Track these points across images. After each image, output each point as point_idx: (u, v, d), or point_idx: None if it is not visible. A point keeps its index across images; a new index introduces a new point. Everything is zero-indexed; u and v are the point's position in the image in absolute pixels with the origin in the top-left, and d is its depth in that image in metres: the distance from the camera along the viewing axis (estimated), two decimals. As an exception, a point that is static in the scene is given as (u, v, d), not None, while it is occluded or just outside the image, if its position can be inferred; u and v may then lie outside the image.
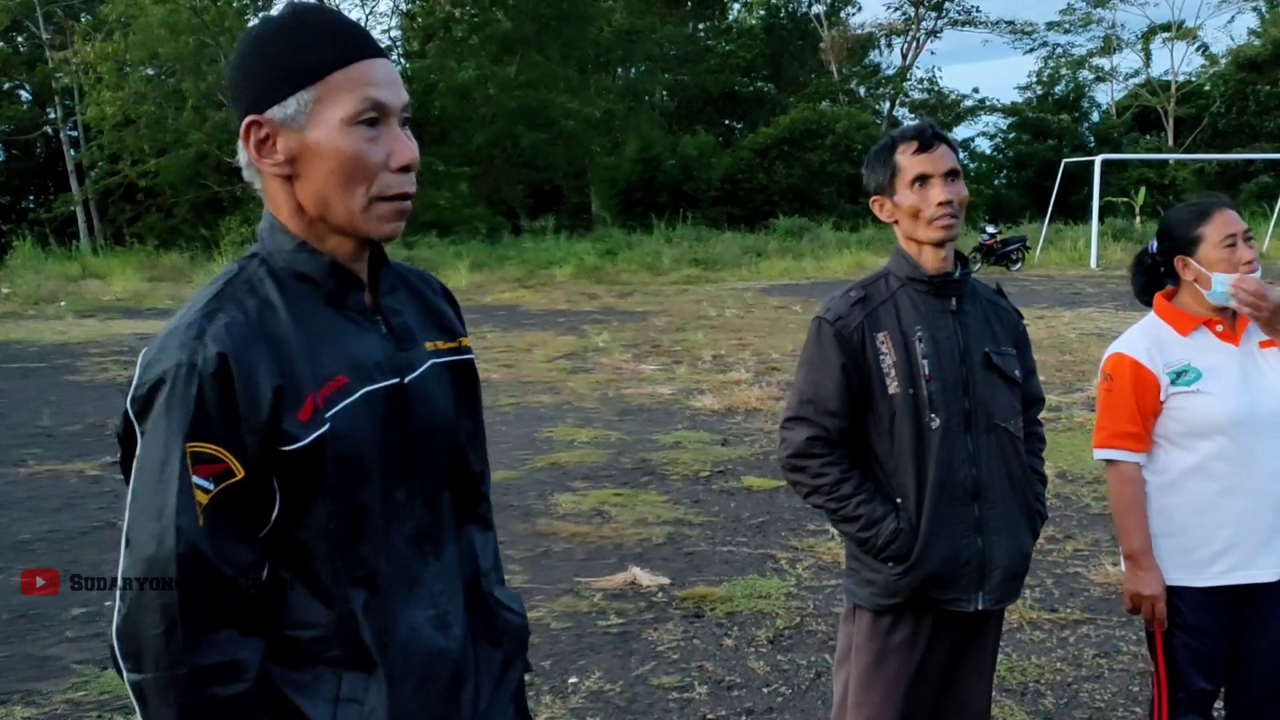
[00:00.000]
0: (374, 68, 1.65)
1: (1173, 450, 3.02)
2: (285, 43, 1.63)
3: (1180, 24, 49.18)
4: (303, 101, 1.61)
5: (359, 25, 1.71)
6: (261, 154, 1.65)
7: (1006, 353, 2.87)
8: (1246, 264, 2.95)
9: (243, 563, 1.58)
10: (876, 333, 2.80)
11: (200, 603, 1.54)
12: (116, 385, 12.05)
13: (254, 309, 1.62)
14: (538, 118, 33.08)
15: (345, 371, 1.65)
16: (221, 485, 1.55)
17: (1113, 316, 16.63)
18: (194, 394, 1.54)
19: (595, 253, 28.51)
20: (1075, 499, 7.13)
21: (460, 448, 1.85)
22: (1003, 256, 26.18)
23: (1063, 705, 4.32)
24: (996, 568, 2.80)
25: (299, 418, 1.58)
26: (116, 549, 1.63)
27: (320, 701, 1.64)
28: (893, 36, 52.03)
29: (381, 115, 1.64)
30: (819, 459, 2.82)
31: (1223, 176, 41.43)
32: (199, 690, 1.53)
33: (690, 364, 13.04)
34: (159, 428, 1.56)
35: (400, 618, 1.70)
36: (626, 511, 6.97)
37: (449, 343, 1.86)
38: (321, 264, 1.68)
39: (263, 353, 1.58)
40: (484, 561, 1.91)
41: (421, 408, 1.74)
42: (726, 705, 4.36)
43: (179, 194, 34.92)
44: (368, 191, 1.64)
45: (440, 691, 1.74)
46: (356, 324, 1.71)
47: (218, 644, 1.55)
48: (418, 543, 1.74)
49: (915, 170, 2.77)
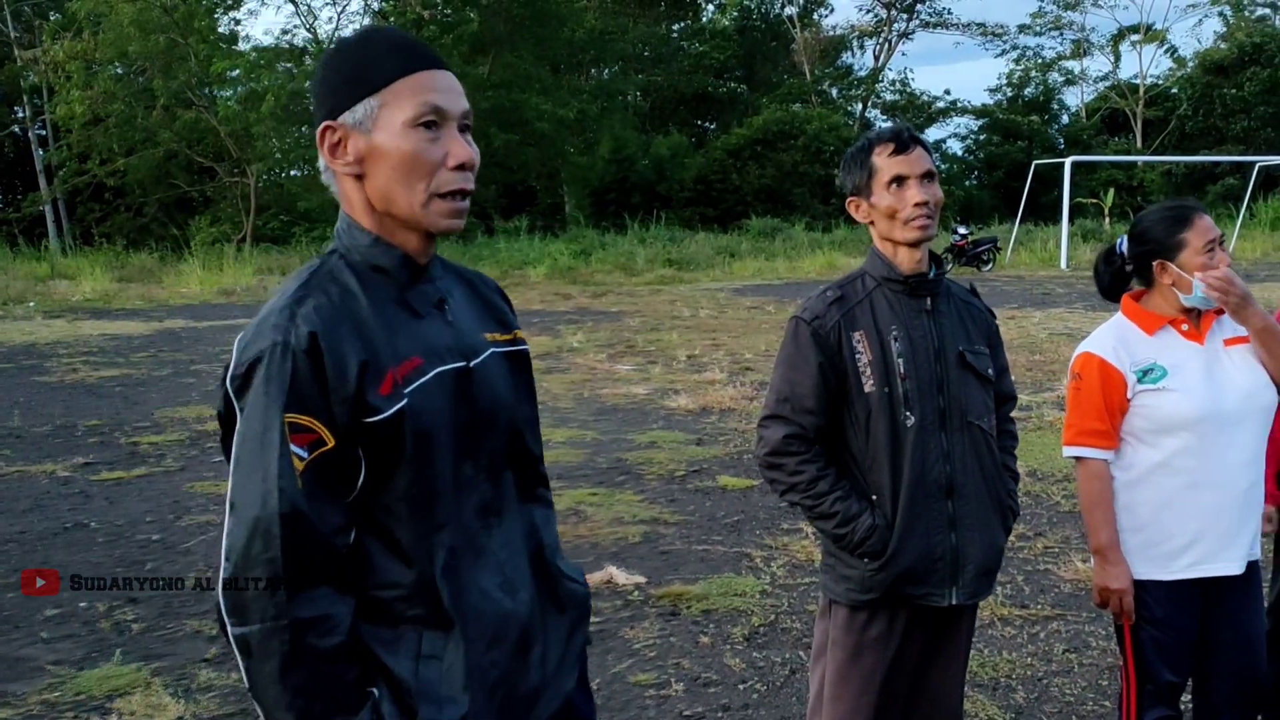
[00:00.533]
0: (435, 77, 1.82)
1: (1139, 447, 3.07)
2: (355, 57, 1.84)
3: (1149, 27, 49.63)
4: (370, 107, 1.80)
5: (423, 41, 1.90)
6: (335, 156, 1.84)
7: (980, 351, 2.92)
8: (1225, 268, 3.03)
9: (335, 525, 1.73)
10: (853, 332, 2.84)
11: (300, 559, 1.69)
12: (85, 386, 11.99)
13: (337, 295, 1.79)
14: (510, 118, 33.04)
15: (420, 353, 1.81)
16: (315, 453, 1.71)
17: (1082, 316, 16.77)
18: (289, 370, 1.70)
19: (569, 253, 28.52)
20: (1046, 497, 7.20)
21: (520, 431, 2.01)
22: (974, 257, 26.35)
23: (1033, 700, 4.38)
24: (970, 563, 2.85)
25: (381, 391, 1.74)
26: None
27: (404, 658, 1.80)
28: (865, 38, 52.27)
29: (440, 119, 1.81)
30: (796, 456, 2.86)
31: (1190, 178, 41.85)
32: (298, 641, 1.68)
33: (665, 364, 13.07)
34: (258, 402, 1.70)
35: (470, 582, 1.85)
36: (602, 511, 6.99)
37: (505, 334, 2.03)
38: (395, 256, 1.85)
39: (348, 332, 1.75)
40: (547, 537, 2.06)
41: (486, 390, 1.91)
42: (703, 702, 4.39)
43: (148, 193, 34.71)
44: (427, 188, 1.81)
45: (509, 652, 1.90)
46: (424, 313, 1.87)
47: (315, 599, 1.70)
48: (484, 514, 1.90)
49: (892, 171, 2.81)
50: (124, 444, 9.17)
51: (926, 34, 62.86)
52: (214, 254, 27.09)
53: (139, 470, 8.25)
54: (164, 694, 4.45)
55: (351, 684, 1.74)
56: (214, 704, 4.39)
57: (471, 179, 1.85)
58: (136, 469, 8.29)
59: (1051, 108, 51.22)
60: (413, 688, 1.78)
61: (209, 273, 24.84)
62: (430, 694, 1.79)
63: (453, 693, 1.80)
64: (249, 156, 32.53)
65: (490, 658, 1.86)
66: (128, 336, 16.37)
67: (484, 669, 1.84)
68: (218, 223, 34.04)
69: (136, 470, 8.25)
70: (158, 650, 4.91)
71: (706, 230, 34.75)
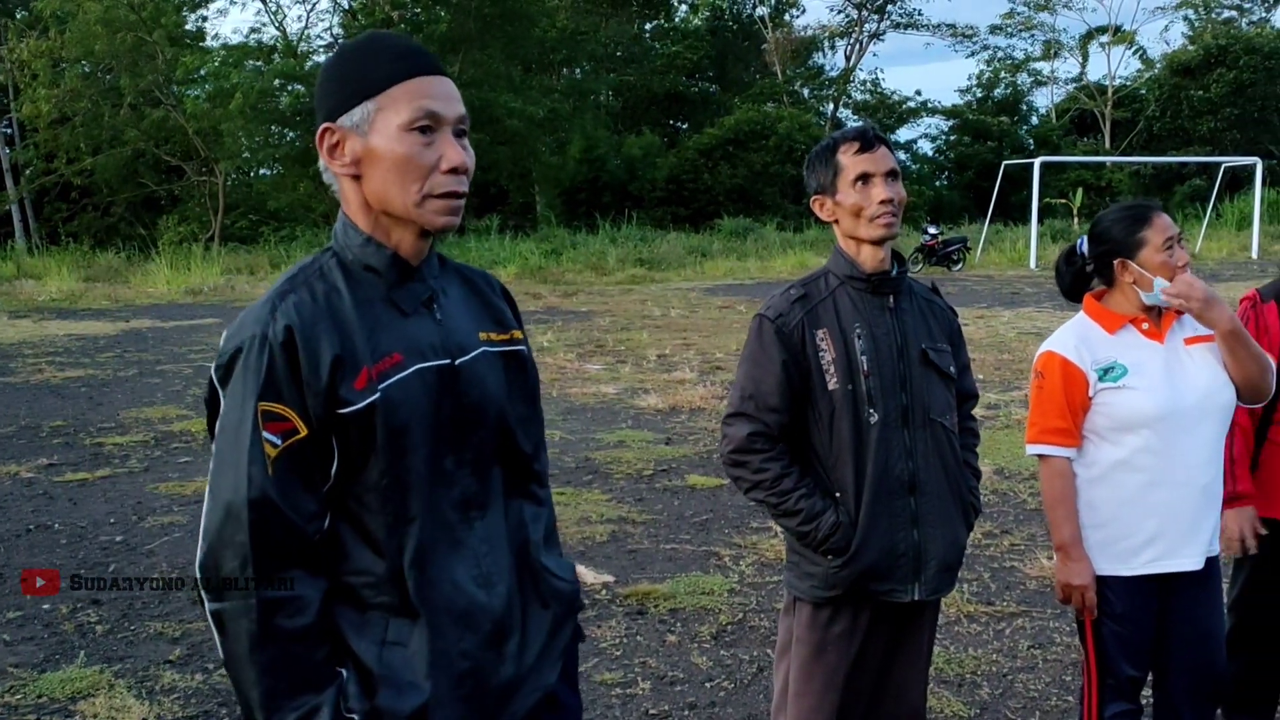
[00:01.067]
0: (431, 83, 1.88)
1: (1101, 444, 3.09)
2: (355, 62, 1.91)
3: (1117, 28, 49.97)
4: (367, 110, 1.86)
5: (422, 47, 1.96)
6: (333, 157, 1.90)
7: (942, 349, 2.94)
8: (1182, 266, 3.05)
9: (308, 511, 1.81)
10: (816, 330, 2.85)
11: (269, 543, 1.77)
12: (50, 386, 11.89)
13: (321, 292, 1.87)
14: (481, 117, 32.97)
15: (400, 350, 1.88)
16: (288, 441, 1.79)
17: (1051, 316, 16.87)
18: (265, 361, 1.78)
19: (539, 252, 28.48)
20: (1012, 495, 7.24)
21: (510, 428, 2.04)
22: (944, 257, 26.47)
23: (998, 695, 4.40)
24: (932, 559, 2.86)
25: (355, 385, 1.82)
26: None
27: (370, 643, 1.86)
28: (836, 38, 52.42)
29: (435, 124, 1.87)
30: (760, 454, 2.87)
31: (1157, 179, 42.21)
32: (267, 621, 1.76)
33: (634, 363, 13.07)
34: (237, 391, 1.80)
35: (442, 573, 1.90)
36: (570, 510, 6.98)
37: (502, 334, 2.07)
38: (385, 256, 1.91)
39: (326, 328, 1.82)
40: (534, 533, 2.10)
41: (473, 387, 1.96)
42: (669, 700, 4.39)
43: (116, 193, 34.43)
44: (421, 189, 1.87)
45: (481, 643, 1.94)
46: (411, 311, 1.93)
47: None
48: (464, 508, 1.95)
49: (857, 169, 2.83)
50: (88, 445, 9.09)
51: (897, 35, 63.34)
52: (181, 254, 26.85)
53: (103, 471, 8.18)
54: (127, 695, 4.41)
55: (319, 663, 1.81)
56: (177, 705, 4.35)
57: (465, 182, 1.90)
58: (100, 470, 8.22)
59: (1021, 109, 51.56)
60: (376, 672, 1.84)
61: (176, 272, 24.65)
62: (393, 679, 1.85)
63: (415, 679, 1.85)
64: (217, 155, 32.34)
65: (460, 648, 1.90)
66: (93, 337, 16.24)
67: (451, 659, 1.89)
68: (185, 222, 33.80)
69: (100, 471, 8.18)
70: (120, 652, 4.87)
71: (678, 230, 34.77)
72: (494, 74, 34.32)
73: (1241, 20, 49.72)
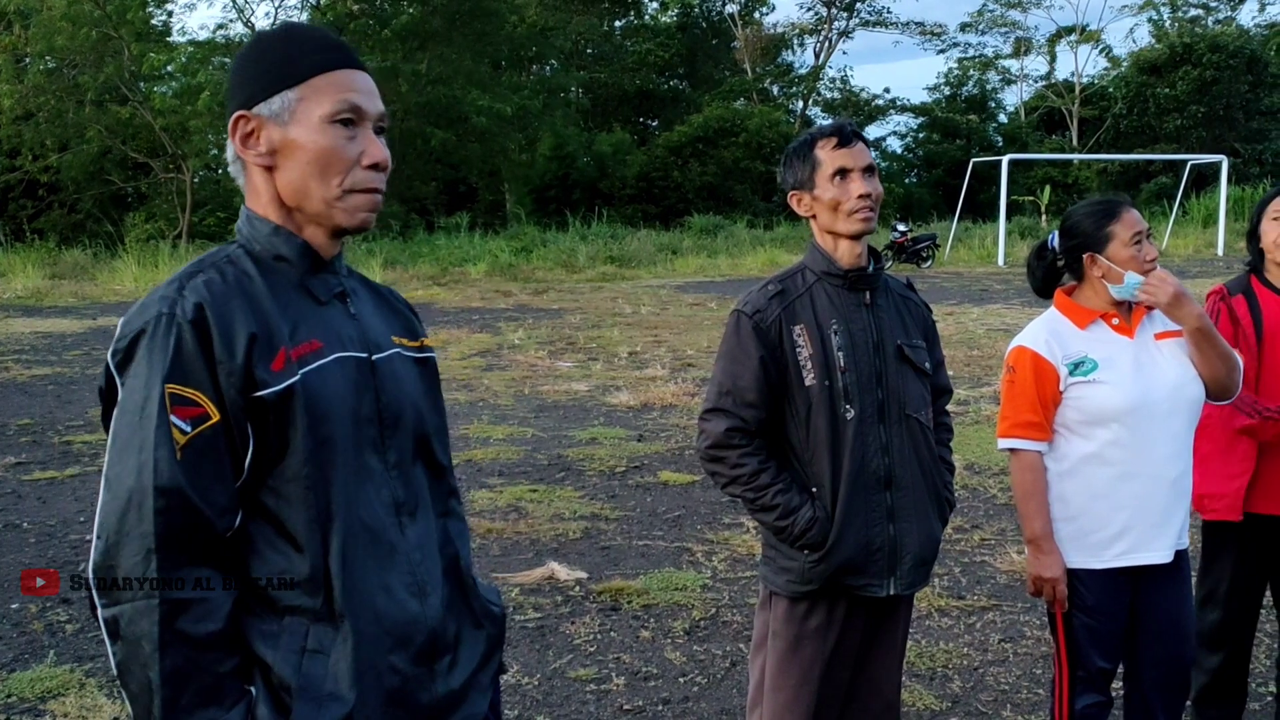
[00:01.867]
0: (354, 77, 1.83)
1: (1071, 438, 3.12)
2: (277, 49, 1.84)
3: (1084, 27, 50.33)
4: (287, 100, 1.80)
5: (344, 42, 1.90)
6: (247, 146, 1.83)
7: (917, 345, 2.96)
8: (1150, 261, 3.08)
9: (219, 504, 1.67)
10: (793, 325, 2.87)
11: (176, 536, 1.63)
12: (17, 384, 11.77)
13: (232, 275, 1.76)
14: (450, 114, 32.85)
15: (320, 337, 1.79)
16: (199, 428, 1.65)
17: (1020, 312, 16.97)
18: (173, 340, 1.66)
19: (510, 250, 28.37)
20: (982, 490, 7.29)
21: (428, 436, 1.96)
22: (914, 254, 26.56)
23: (969, 688, 4.43)
24: (908, 554, 2.89)
25: (272, 367, 1.70)
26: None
27: (287, 652, 1.71)
28: (805, 36, 52.54)
29: (357, 118, 1.82)
30: (737, 449, 2.89)
31: (1124, 176, 42.44)
32: (170, 624, 1.61)
33: (606, 361, 13.07)
34: (140, 373, 1.66)
35: (373, 579, 1.78)
36: (542, 507, 6.98)
37: (413, 341, 2.01)
38: (296, 245, 1.83)
39: (240, 305, 1.72)
40: (463, 549, 2.01)
41: (391, 385, 1.88)
42: (643, 696, 4.41)
43: (82, 190, 34.09)
44: (341, 183, 1.80)
45: (413, 656, 1.82)
46: (326, 300, 1.85)
47: (191, 580, 1.63)
48: (395, 512, 1.85)
49: (835, 164, 2.85)
50: (56, 443, 9.02)
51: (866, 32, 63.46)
52: (149, 251, 26.62)
53: (71, 470, 8.12)
54: (98, 694, 4.38)
55: (225, 676, 1.66)
56: (149, 705, 4.32)
57: (383, 180, 1.85)
58: (69, 468, 8.16)
59: (989, 106, 51.79)
60: (293, 685, 1.69)
61: (144, 270, 24.41)
62: (312, 691, 1.70)
63: (337, 690, 1.72)
64: (185, 152, 32.07)
65: (390, 662, 1.78)
66: (60, 334, 16.09)
67: (380, 672, 1.77)
68: (153, 219, 33.51)
69: (69, 470, 8.12)
70: (91, 651, 4.83)
71: (648, 227, 34.74)
72: (462, 71, 34.18)
73: (1208, 18, 50.15)
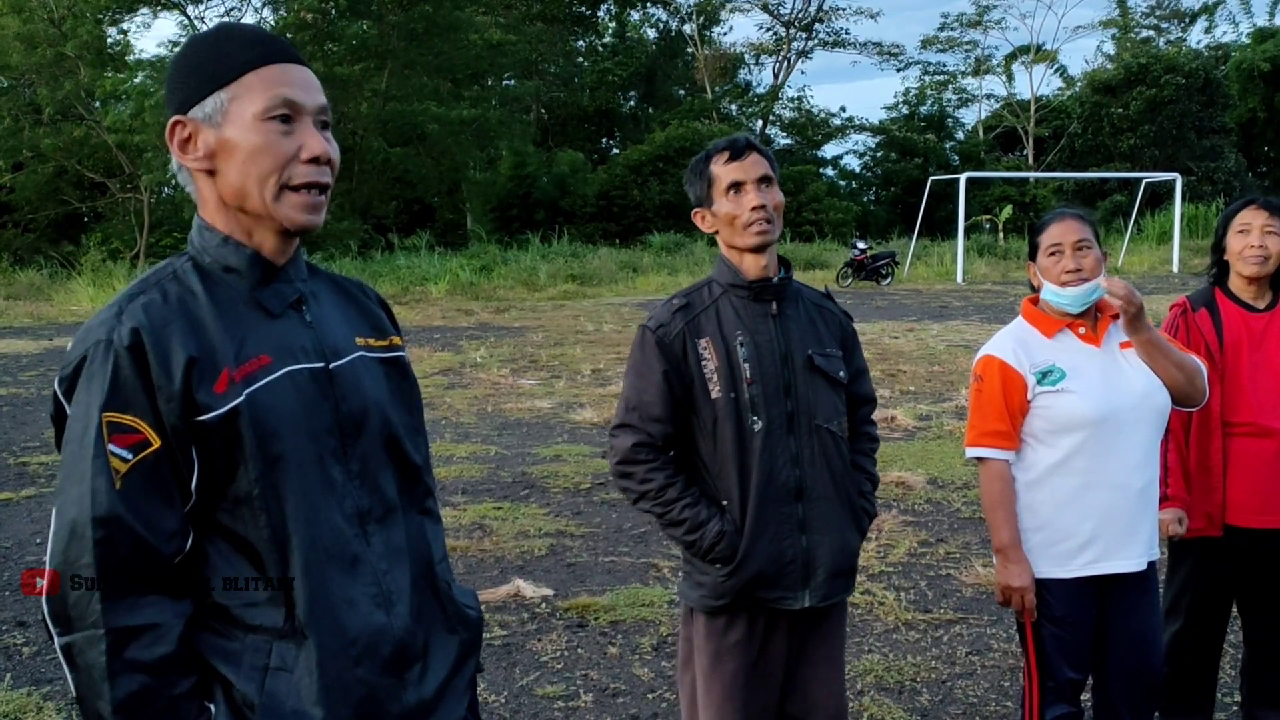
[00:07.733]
0: (288, 71, 1.79)
1: (1039, 447, 3.14)
2: (207, 50, 1.80)
3: (1039, 47, 50.86)
4: (220, 101, 1.76)
5: (277, 35, 1.85)
6: (185, 151, 1.79)
7: (831, 354, 2.94)
8: (1069, 273, 3.09)
9: (165, 530, 1.67)
10: (698, 339, 2.87)
11: (117, 565, 1.63)
12: (-28, 406, 11.59)
13: (175, 294, 1.74)
14: (407, 133, 32.72)
15: (269, 352, 1.76)
16: (139, 455, 1.65)
17: (979, 329, 17.10)
18: (110, 368, 1.65)
19: (470, 269, 28.27)
20: (946, 504, 7.31)
21: (398, 437, 1.93)
22: (873, 272, 26.73)
23: (938, 702, 4.43)
24: (821, 566, 2.87)
25: (214, 389, 1.68)
26: None
27: (250, 669, 1.71)
28: (764, 56, 52.83)
29: (294, 113, 1.77)
30: (645, 464, 2.88)
31: (1080, 194, 42.90)
32: (119, 651, 1.61)
33: (569, 378, 13.04)
34: (81, 400, 1.67)
35: (337, 592, 1.76)
36: (507, 525, 6.94)
37: (380, 340, 1.97)
38: (245, 255, 1.79)
39: (179, 329, 1.69)
40: (436, 552, 1.99)
41: (351, 392, 1.84)
42: (612, 712, 4.37)
43: (37, 210, 33.67)
44: (278, 180, 1.76)
45: (380, 667, 1.80)
46: (278, 312, 1.81)
47: (138, 607, 1.64)
48: (360, 522, 1.82)
49: (729, 178, 2.86)
50: (12, 465, 8.88)
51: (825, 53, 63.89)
52: (105, 271, 26.34)
53: (28, 491, 7.99)
54: (57, 718, 4.30)
55: (182, 698, 1.66)
56: (108, 728, 4.25)
57: (328, 174, 1.80)
58: (25, 490, 8.03)
59: (947, 125, 52.24)
60: (256, 703, 1.68)
61: (100, 290, 24.15)
62: (277, 709, 1.69)
63: (303, 707, 1.70)
64: (141, 172, 31.77)
65: (356, 674, 1.76)
66: (15, 355, 15.87)
67: (347, 685, 1.75)
68: (109, 240, 33.15)
69: (25, 491, 7.98)
70: (49, 674, 4.75)
71: (609, 246, 34.76)
72: (420, 89, 34.08)
73: (1159, 40, 50.88)
